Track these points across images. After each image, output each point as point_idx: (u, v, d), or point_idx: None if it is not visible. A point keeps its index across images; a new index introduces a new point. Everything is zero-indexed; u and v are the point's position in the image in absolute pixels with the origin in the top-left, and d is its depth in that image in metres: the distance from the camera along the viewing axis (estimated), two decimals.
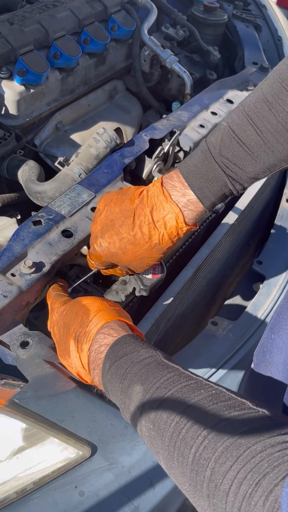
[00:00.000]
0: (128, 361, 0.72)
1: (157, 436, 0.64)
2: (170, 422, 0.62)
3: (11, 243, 0.97)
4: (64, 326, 0.83)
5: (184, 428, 0.61)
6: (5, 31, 1.34)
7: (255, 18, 2.02)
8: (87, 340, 0.78)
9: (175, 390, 0.65)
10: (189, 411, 0.62)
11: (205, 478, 0.56)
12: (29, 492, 0.78)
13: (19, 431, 0.80)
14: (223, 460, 0.55)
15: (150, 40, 1.67)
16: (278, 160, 0.82)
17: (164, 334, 1.20)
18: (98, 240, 0.90)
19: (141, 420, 0.67)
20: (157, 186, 0.87)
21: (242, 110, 0.83)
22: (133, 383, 0.70)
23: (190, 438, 0.59)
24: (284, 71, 0.81)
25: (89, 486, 0.80)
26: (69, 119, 1.55)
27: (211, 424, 0.59)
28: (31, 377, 0.82)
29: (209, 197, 0.85)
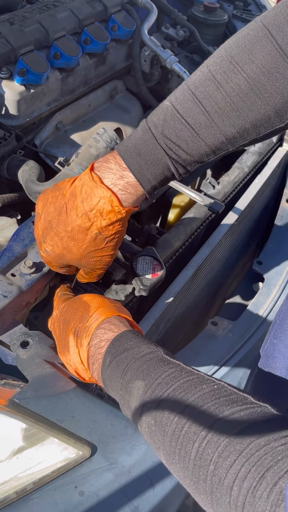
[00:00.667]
0: (129, 356, 0.72)
1: (158, 431, 0.64)
2: (172, 417, 0.62)
3: (11, 243, 0.97)
4: (64, 322, 0.83)
5: (186, 424, 0.61)
6: (5, 31, 1.34)
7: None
8: (87, 335, 0.78)
9: (176, 385, 0.65)
10: (191, 406, 0.62)
11: (208, 472, 0.56)
12: (29, 492, 0.78)
13: (19, 431, 0.81)
14: (227, 454, 0.55)
15: (150, 40, 1.67)
16: (224, 142, 0.77)
17: (164, 334, 1.21)
18: (42, 245, 0.86)
19: (142, 415, 0.67)
20: (87, 172, 0.81)
21: (187, 88, 0.78)
22: (134, 378, 0.69)
23: (193, 433, 0.59)
24: (234, 48, 0.75)
25: (89, 486, 0.80)
26: (69, 119, 1.55)
27: (214, 419, 0.59)
28: (31, 377, 0.82)
29: (149, 180, 0.79)
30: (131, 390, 0.69)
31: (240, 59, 0.74)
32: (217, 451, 0.56)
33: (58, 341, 0.84)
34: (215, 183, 1.38)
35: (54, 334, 0.86)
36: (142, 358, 0.71)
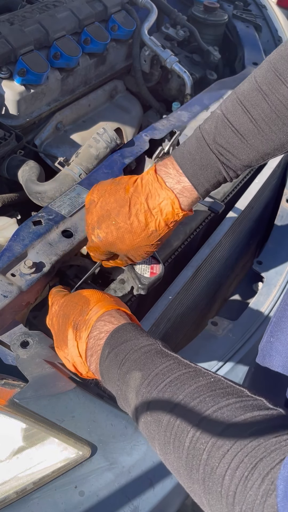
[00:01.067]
0: (127, 347, 0.73)
1: (153, 422, 0.64)
2: (167, 408, 0.63)
3: (11, 243, 0.97)
4: (63, 316, 0.84)
5: (181, 414, 0.61)
6: (6, 31, 1.34)
7: (255, 18, 2.02)
8: (86, 327, 0.79)
9: (173, 377, 0.66)
10: (187, 397, 0.62)
11: (201, 462, 0.56)
12: (29, 492, 0.78)
13: (19, 431, 0.80)
14: (220, 444, 0.55)
15: (150, 40, 1.67)
16: (272, 148, 0.83)
17: (164, 334, 1.20)
18: (95, 231, 0.90)
19: (138, 406, 0.67)
20: (151, 174, 0.87)
21: (236, 98, 0.84)
22: (132, 369, 0.70)
23: (187, 423, 0.60)
24: (278, 60, 0.81)
25: (89, 486, 0.80)
26: (69, 119, 1.55)
27: (209, 410, 0.59)
28: (31, 377, 0.82)
29: (203, 184, 0.85)
30: (128, 381, 0.70)
31: (283, 70, 0.79)
32: (210, 441, 0.57)
33: (56, 335, 0.85)
34: None
35: (52, 329, 0.87)
36: (140, 349, 0.72)
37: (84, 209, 0.94)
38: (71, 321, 0.82)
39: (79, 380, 0.86)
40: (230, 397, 0.60)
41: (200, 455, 0.57)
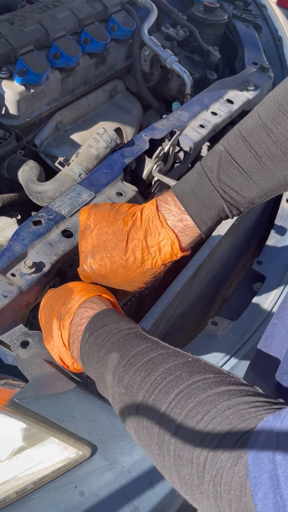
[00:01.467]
0: (107, 331, 0.73)
1: (129, 400, 0.64)
2: (144, 384, 0.63)
3: (11, 243, 0.97)
4: (49, 308, 0.84)
5: (157, 389, 0.61)
6: (5, 31, 1.34)
7: (255, 18, 2.02)
8: (68, 315, 0.79)
9: (151, 356, 0.66)
10: (164, 373, 0.62)
11: (173, 432, 0.57)
12: (29, 492, 0.78)
13: (19, 431, 0.81)
14: (194, 413, 0.56)
15: (150, 40, 1.67)
16: (277, 185, 0.81)
17: (164, 334, 1.20)
18: (88, 260, 0.87)
19: (114, 386, 0.67)
20: (152, 210, 0.85)
21: (239, 134, 0.82)
22: (110, 351, 0.70)
23: (163, 395, 0.60)
24: (281, 96, 0.80)
25: (89, 486, 0.80)
26: (69, 119, 1.55)
27: (185, 383, 0.59)
28: (31, 377, 0.82)
29: (206, 222, 0.84)
30: (106, 363, 0.70)
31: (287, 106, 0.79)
32: (184, 411, 0.57)
33: (44, 328, 0.85)
34: None
35: (40, 323, 0.87)
36: (119, 333, 0.72)
37: (78, 232, 0.91)
38: (56, 312, 0.82)
39: (79, 380, 0.86)
40: (207, 373, 0.60)
41: (172, 427, 0.57)
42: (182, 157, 1.39)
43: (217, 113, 1.47)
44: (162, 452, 0.58)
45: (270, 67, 1.74)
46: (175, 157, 1.38)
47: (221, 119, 1.45)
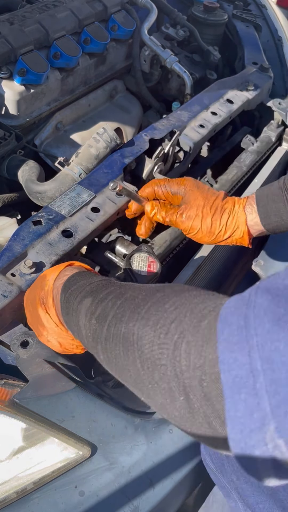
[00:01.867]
0: (80, 286, 0.74)
1: (99, 327, 0.64)
2: (109, 310, 0.64)
3: (11, 243, 0.97)
4: (31, 303, 0.84)
5: (117, 307, 0.62)
6: (5, 31, 1.34)
7: (255, 18, 2.02)
8: (49, 294, 0.79)
9: (124, 287, 0.67)
10: (136, 293, 0.63)
11: (138, 321, 0.58)
12: (29, 492, 0.78)
13: (19, 431, 0.80)
14: (161, 303, 0.57)
15: (150, 40, 1.67)
16: None
17: None
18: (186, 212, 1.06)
19: (87, 324, 0.67)
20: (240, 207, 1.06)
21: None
22: (83, 298, 0.70)
23: (132, 307, 0.60)
24: None
25: (89, 486, 0.80)
26: (69, 119, 1.55)
27: (157, 295, 0.60)
28: (31, 377, 0.82)
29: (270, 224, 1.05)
30: (80, 309, 0.70)
31: None
32: (147, 306, 0.58)
33: (33, 325, 0.84)
34: (213, 182, 1.38)
35: (28, 322, 0.86)
36: (91, 284, 0.73)
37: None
38: (38, 300, 0.82)
39: (79, 380, 0.86)
40: (185, 291, 0.60)
41: (137, 317, 0.58)
42: (182, 157, 1.39)
43: (217, 113, 1.46)
44: (108, 355, 0.60)
45: (270, 67, 1.74)
46: (175, 157, 1.38)
47: (221, 119, 1.45)
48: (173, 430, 0.92)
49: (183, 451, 0.92)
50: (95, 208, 1.08)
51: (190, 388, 0.49)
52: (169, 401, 0.52)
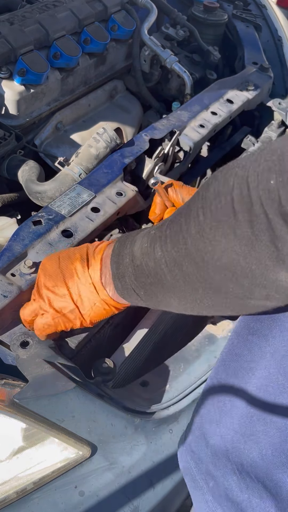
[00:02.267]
0: (131, 234, 0.80)
1: (159, 232, 0.72)
2: (166, 227, 0.72)
3: (11, 243, 0.97)
4: (66, 258, 0.85)
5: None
6: (5, 31, 1.34)
7: (255, 18, 2.02)
8: (99, 252, 0.83)
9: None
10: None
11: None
12: (29, 492, 0.78)
13: (19, 431, 0.81)
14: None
15: (150, 40, 1.67)
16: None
17: (164, 334, 1.20)
18: None
19: (142, 240, 0.75)
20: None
21: None
22: (139, 232, 0.78)
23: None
24: None
25: (89, 486, 0.80)
26: (69, 119, 1.55)
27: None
28: (31, 377, 0.82)
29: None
30: (135, 240, 0.77)
31: None
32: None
33: (53, 275, 0.84)
34: None
35: (44, 274, 0.85)
36: (144, 230, 0.79)
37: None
38: (77, 257, 0.84)
39: (79, 380, 0.86)
40: None
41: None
42: (182, 157, 1.39)
43: (217, 113, 1.46)
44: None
45: (270, 67, 1.74)
46: (175, 157, 1.38)
47: (221, 119, 1.45)
48: (173, 430, 0.92)
49: None
50: (95, 208, 1.08)
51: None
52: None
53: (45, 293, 0.84)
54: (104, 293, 0.82)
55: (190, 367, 1.04)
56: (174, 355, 1.07)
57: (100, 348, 1.08)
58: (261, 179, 0.58)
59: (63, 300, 0.83)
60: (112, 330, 1.09)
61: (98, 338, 1.04)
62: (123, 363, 0.99)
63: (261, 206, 0.57)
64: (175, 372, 1.02)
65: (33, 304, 0.86)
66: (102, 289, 0.81)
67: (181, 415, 0.94)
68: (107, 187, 1.13)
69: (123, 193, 1.14)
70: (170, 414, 0.94)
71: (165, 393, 0.98)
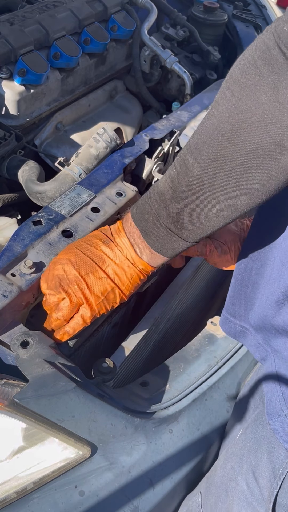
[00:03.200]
0: (145, 196, 0.83)
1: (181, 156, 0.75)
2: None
3: (11, 243, 0.97)
4: (84, 247, 0.88)
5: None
6: (5, 31, 1.34)
7: (255, 18, 2.02)
8: (119, 230, 0.87)
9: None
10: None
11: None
12: (29, 492, 0.78)
13: (19, 430, 0.80)
14: None
15: (150, 40, 1.67)
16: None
17: (164, 334, 1.21)
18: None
19: (166, 173, 0.78)
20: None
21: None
22: (157, 187, 0.80)
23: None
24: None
25: (89, 486, 0.80)
26: (69, 119, 1.56)
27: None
28: (31, 377, 0.82)
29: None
30: (156, 186, 0.80)
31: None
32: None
33: (83, 264, 0.86)
34: None
35: (71, 267, 0.87)
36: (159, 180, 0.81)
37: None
38: (97, 242, 0.87)
39: (80, 380, 0.86)
40: None
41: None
42: None
43: None
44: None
45: None
46: (175, 157, 1.38)
47: None
48: (173, 430, 0.92)
49: (183, 451, 0.92)
50: (95, 208, 1.08)
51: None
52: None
53: (80, 283, 0.86)
54: (142, 262, 0.85)
55: (190, 367, 1.04)
56: (174, 355, 1.07)
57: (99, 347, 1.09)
58: (275, 29, 0.62)
59: (102, 283, 0.86)
60: (110, 329, 1.10)
61: (97, 336, 1.04)
62: (123, 363, 0.99)
63: (277, 47, 0.61)
64: (175, 372, 1.02)
65: (66, 301, 0.87)
66: (138, 260, 0.85)
67: (181, 415, 0.94)
68: (107, 187, 1.13)
69: (123, 193, 1.14)
70: (170, 414, 0.94)
71: (165, 393, 0.98)
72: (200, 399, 0.98)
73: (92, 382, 0.89)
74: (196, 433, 0.95)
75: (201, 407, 0.98)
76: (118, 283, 0.86)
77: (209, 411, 0.98)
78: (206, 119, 0.72)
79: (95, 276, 0.86)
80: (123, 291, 0.87)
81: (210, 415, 0.98)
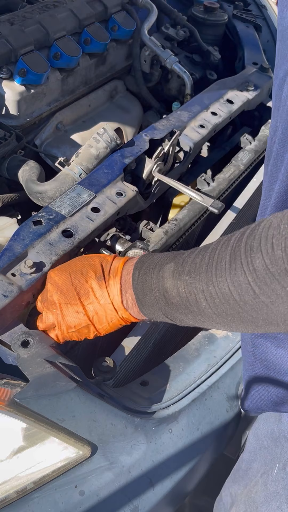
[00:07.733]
0: (155, 260, 0.78)
1: (194, 277, 0.70)
2: (205, 259, 0.69)
3: (11, 243, 0.97)
4: (78, 273, 0.86)
5: (215, 254, 0.68)
6: (6, 31, 1.34)
7: (255, 18, 2.02)
8: (117, 272, 0.84)
9: (203, 247, 0.72)
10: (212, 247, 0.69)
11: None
12: (29, 491, 0.78)
13: (20, 430, 0.81)
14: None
15: (150, 40, 1.67)
16: None
17: (164, 333, 1.21)
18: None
19: (177, 282, 0.72)
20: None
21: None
22: (163, 264, 0.75)
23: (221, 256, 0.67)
24: None
25: (89, 486, 0.80)
26: (69, 119, 1.56)
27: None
28: (32, 376, 0.82)
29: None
30: (163, 274, 0.74)
31: None
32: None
33: (67, 292, 0.85)
34: (210, 180, 1.38)
35: (56, 290, 0.86)
36: (167, 256, 0.77)
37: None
38: (91, 275, 0.85)
39: (80, 380, 0.86)
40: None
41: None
42: (182, 157, 1.39)
43: (217, 113, 1.47)
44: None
45: (270, 67, 1.75)
46: (175, 157, 1.38)
47: (221, 119, 1.46)
48: (173, 430, 0.92)
49: (183, 451, 0.92)
50: (95, 208, 1.08)
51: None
52: None
53: (58, 309, 0.86)
54: (126, 313, 0.83)
55: (189, 366, 1.04)
56: (174, 355, 1.07)
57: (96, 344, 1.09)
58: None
59: (77, 317, 0.85)
60: None
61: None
62: (123, 362, 0.99)
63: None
64: (175, 371, 1.02)
65: (48, 317, 0.88)
66: (123, 310, 0.83)
67: (181, 415, 0.94)
68: (107, 187, 1.14)
69: (123, 193, 1.14)
70: (170, 414, 0.94)
71: (165, 393, 0.98)
72: (199, 399, 0.99)
73: (93, 381, 0.89)
74: (196, 432, 0.95)
75: (201, 407, 0.98)
76: (96, 322, 0.85)
77: (208, 411, 0.98)
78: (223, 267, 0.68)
79: (73, 309, 0.85)
80: (99, 330, 0.86)
81: (209, 415, 0.98)
